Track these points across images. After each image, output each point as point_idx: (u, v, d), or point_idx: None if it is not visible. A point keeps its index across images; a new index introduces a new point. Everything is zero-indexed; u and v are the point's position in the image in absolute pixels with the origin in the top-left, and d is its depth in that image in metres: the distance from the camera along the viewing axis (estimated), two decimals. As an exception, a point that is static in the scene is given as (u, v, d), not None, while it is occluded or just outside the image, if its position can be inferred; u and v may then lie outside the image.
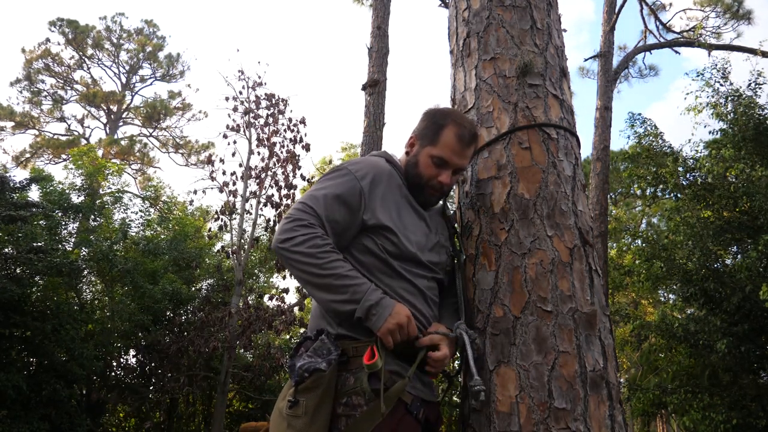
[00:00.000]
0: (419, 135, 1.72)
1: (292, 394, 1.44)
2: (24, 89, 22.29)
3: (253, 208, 10.15)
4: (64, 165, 12.06)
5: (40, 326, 7.90)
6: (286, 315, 8.83)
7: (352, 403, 1.45)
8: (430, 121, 1.72)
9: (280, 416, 1.46)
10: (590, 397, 1.47)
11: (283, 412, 1.45)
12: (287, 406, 1.44)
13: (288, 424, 1.43)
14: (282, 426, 1.44)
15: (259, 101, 10.64)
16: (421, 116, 1.78)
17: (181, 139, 23.87)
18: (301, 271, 1.50)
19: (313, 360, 1.44)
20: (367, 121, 7.14)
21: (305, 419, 1.40)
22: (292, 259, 1.49)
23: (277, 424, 1.47)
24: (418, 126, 1.77)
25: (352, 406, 1.44)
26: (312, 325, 1.62)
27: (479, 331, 1.62)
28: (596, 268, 1.68)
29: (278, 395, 1.60)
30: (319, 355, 1.45)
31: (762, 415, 8.18)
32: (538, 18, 1.96)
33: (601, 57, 10.82)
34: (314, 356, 1.45)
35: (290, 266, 1.52)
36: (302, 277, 1.52)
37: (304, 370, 1.42)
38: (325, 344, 1.47)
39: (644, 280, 10.55)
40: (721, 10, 13.54)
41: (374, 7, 8.01)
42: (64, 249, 9.57)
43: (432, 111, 1.76)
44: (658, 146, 11.08)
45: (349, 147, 24.03)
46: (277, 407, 1.50)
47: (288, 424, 1.43)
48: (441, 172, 1.65)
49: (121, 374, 10.57)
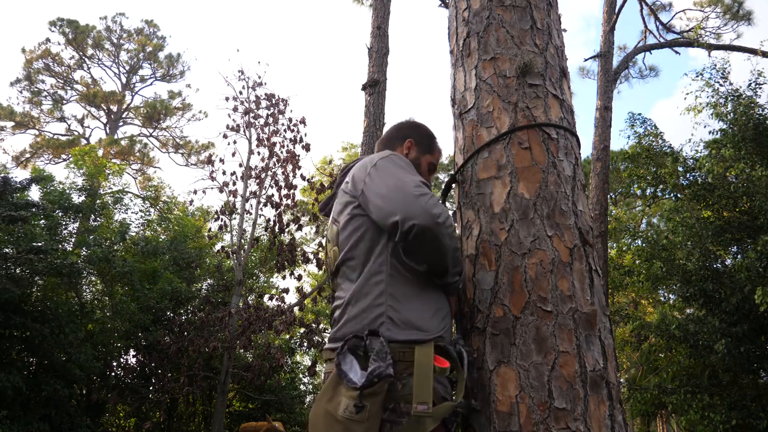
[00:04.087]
0: (417, 142, 1.90)
1: (356, 397, 1.38)
2: (24, 89, 22.29)
3: (253, 208, 10.14)
4: (66, 165, 12.05)
5: (39, 326, 7.89)
6: (286, 315, 8.82)
7: (400, 410, 1.41)
8: (424, 132, 1.94)
9: (333, 419, 1.40)
10: (590, 397, 1.47)
11: (339, 415, 1.39)
12: (353, 411, 1.37)
13: (345, 428, 1.37)
14: (336, 429, 1.39)
15: (259, 101, 10.64)
16: (412, 124, 1.97)
17: (181, 139, 23.87)
18: (450, 248, 1.54)
19: (381, 364, 1.39)
20: (367, 121, 7.14)
21: (367, 424, 1.36)
22: (447, 234, 1.52)
23: (327, 426, 1.41)
24: (412, 132, 1.92)
25: (400, 413, 1.41)
26: (357, 325, 1.53)
27: (479, 331, 1.63)
28: (596, 268, 1.68)
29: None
30: (381, 359, 1.40)
31: (762, 415, 8.18)
32: (538, 18, 1.96)
33: (601, 57, 10.83)
34: (378, 360, 1.40)
35: (441, 241, 1.51)
36: (447, 253, 1.54)
37: (375, 375, 1.37)
38: (384, 348, 1.42)
39: (644, 280, 10.56)
40: (721, 11, 13.54)
41: (374, 7, 8.01)
42: (64, 249, 9.57)
43: (418, 123, 1.99)
44: (658, 146, 11.09)
45: (350, 147, 24.05)
46: (325, 409, 1.43)
47: (345, 427, 1.37)
48: (430, 176, 1.92)
49: (121, 374, 10.57)
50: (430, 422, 1.37)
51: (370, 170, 1.65)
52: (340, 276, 1.67)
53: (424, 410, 1.36)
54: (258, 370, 8.95)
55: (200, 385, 9.28)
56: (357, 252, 1.61)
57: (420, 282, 1.57)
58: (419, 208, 1.48)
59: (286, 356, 11.04)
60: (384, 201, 1.55)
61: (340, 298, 1.64)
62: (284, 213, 9.91)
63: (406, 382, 1.43)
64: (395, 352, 1.44)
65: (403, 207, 1.50)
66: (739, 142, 9.50)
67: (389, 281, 1.55)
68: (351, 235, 1.64)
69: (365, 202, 1.62)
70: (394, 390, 1.42)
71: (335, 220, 1.74)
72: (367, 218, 1.62)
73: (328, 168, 14.29)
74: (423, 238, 1.49)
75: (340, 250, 1.66)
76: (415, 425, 1.37)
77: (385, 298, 1.52)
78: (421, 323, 1.50)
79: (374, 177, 1.62)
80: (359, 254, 1.61)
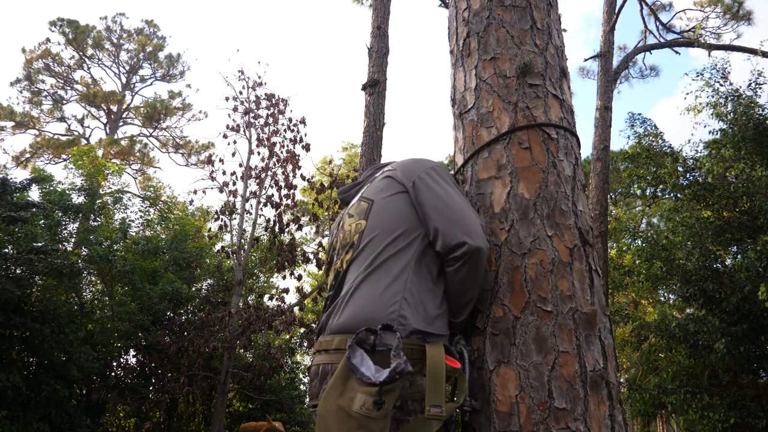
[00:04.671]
0: None
1: (376, 393, 1.32)
2: (24, 89, 22.30)
3: (253, 208, 10.15)
4: (65, 165, 12.06)
5: (39, 326, 7.89)
6: (286, 315, 8.83)
7: (407, 407, 1.39)
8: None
9: (346, 415, 1.33)
10: (590, 397, 1.47)
11: (354, 412, 1.32)
12: (371, 407, 1.31)
13: (360, 425, 1.31)
14: (350, 425, 1.32)
15: (259, 101, 10.65)
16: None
17: (181, 139, 23.88)
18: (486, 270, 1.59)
19: (401, 361, 1.34)
20: (367, 121, 7.14)
21: (384, 422, 1.31)
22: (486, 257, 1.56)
23: (340, 422, 1.34)
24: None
25: (407, 410, 1.39)
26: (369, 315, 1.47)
27: (479, 331, 1.63)
28: (596, 268, 1.68)
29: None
30: (399, 356, 1.35)
31: (761, 415, 8.18)
32: (538, 18, 1.96)
33: (601, 57, 10.83)
34: (398, 357, 1.35)
35: (482, 264, 1.55)
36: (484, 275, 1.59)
37: (398, 372, 1.32)
38: (400, 343, 1.37)
39: (644, 280, 10.56)
40: (721, 11, 13.55)
41: (374, 7, 8.01)
42: (64, 249, 9.57)
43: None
44: (658, 146, 11.10)
45: (350, 147, 24.06)
46: (337, 404, 1.35)
47: (360, 424, 1.31)
48: None
49: (121, 374, 10.57)
50: (437, 423, 1.36)
51: (429, 170, 1.65)
52: (358, 252, 1.59)
53: (438, 413, 1.33)
54: (258, 370, 8.95)
55: (200, 385, 9.29)
56: (384, 232, 1.57)
57: (436, 280, 1.56)
58: (476, 227, 1.54)
59: (286, 356, 11.04)
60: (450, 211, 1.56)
61: (347, 282, 1.58)
62: (284, 213, 9.92)
63: (414, 380, 1.41)
64: (405, 349, 1.40)
65: (465, 225, 1.53)
66: (739, 142, 9.50)
67: (411, 277, 1.51)
68: (386, 215, 1.60)
69: (418, 198, 1.60)
70: (403, 387, 1.39)
71: (367, 198, 1.68)
72: (410, 209, 1.60)
73: (328, 168, 14.28)
74: (475, 259, 1.53)
75: (368, 225, 1.60)
76: (422, 425, 1.36)
77: (404, 292, 1.48)
78: (433, 321, 1.50)
79: (436, 179, 1.63)
80: (386, 234, 1.57)
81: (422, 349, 1.43)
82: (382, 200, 1.63)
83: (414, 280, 1.51)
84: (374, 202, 1.65)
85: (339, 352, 1.46)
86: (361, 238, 1.60)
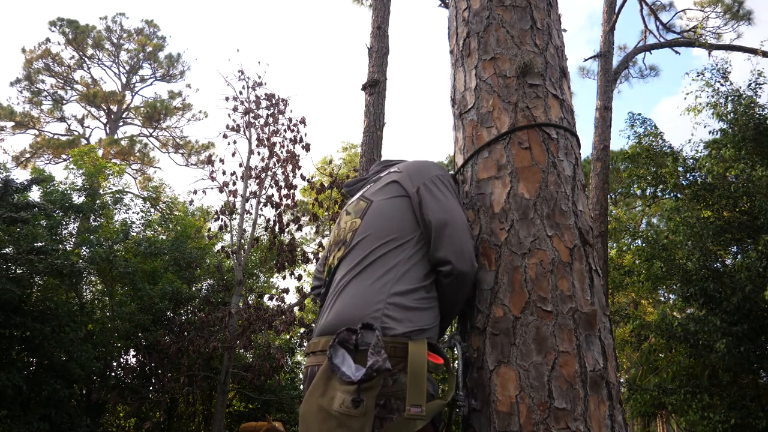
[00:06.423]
0: None
1: (354, 392, 1.32)
2: (24, 89, 22.31)
3: (253, 208, 10.16)
4: (65, 165, 12.06)
5: (39, 326, 7.89)
6: (286, 315, 8.83)
7: (391, 406, 1.40)
8: None
9: (327, 414, 1.33)
10: (590, 397, 1.47)
11: (334, 410, 1.33)
12: (350, 405, 1.31)
13: (340, 423, 1.31)
14: (330, 424, 1.32)
15: (259, 101, 10.65)
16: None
17: (181, 139, 23.89)
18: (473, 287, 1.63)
19: (378, 358, 1.34)
20: (367, 121, 7.14)
21: (364, 420, 1.31)
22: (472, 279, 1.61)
23: (321, 421, 1.34)
24: None
25: (390, 409, 1.39)
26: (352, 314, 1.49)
27: (479, 331, 1.63)
28: (596, 268, 1.68)
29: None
30: (377, 354, 1.35)
31: (762, 415, 8.18)
32: (538, 18, 1.96)
33: (601, 57, 10.83)
34: (376, 354, 1.35)
35: (467, 284, 1.60)
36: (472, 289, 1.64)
37: (375, 369, 1.32)
38: (380, 341, 1.37)
39: (644, 280, 10.56)
40: (722, 11, 13.55)
41: (374, 7, 8.01)
42: (64, 249, 9.57)
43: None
44: (658, 146, 11.10)
45: (350, 147, 24.06)
46: (318, 404, 1.36)
47: (341, 423, 1.31)
48: None
49: (121, 374, 10.57)
50: (421, 422, 1.36)
51: (434, 178, 1.66)
52: (348, 250, 1.61)
53: (417, 413, 1.33)
54: (258, 370, 8.95)
55: (200, 385, 9.29)
56: (377, 233, 1.58)
57: (424, 283, 1.56)
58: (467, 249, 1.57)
59: (286, 356, 11.04)
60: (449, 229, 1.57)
61: (336, 280, 1.60)
62: (284, 213, 9.93)
63: (397, 378, 1.41)
64: (387, 347, 1.40)
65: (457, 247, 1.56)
66: (739, 142, 9.50)
67: (399, 278, 1.52)
68: (382, 217, 1.61)
69: (420, 206, 1.61)
70: (385, 385, 1.39)
71: (367, 198, 1.69)
72: (407, 213, 1.60)
73: (328, 168, 14.28)
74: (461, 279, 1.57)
75: (362, 224, 1.62)
76: (405, 424, 1.35)
77: (389, 292, 1.49)
78: (418, 320, 1.49)
79: (441, 189, 1.64)
80: (378, 236, 1.58)
81: (406, 347, 1.43)
82: (380, 202, 1.65)
83: (401, 282, 1.52)
84: (372, 203, 1.66)
85: (325, 353, 1.46)
86: (353, 237, 1.62)
